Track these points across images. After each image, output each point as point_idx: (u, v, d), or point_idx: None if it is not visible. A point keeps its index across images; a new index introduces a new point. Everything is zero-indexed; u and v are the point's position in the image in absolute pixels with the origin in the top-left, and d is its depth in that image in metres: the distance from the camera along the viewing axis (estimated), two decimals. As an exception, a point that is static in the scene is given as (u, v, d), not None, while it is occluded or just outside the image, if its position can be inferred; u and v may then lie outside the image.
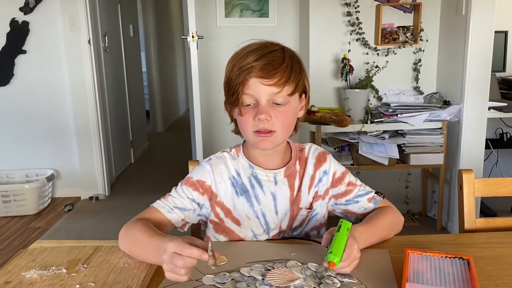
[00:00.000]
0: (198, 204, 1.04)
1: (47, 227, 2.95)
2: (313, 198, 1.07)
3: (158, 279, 0.87)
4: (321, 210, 1.09)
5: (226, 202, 1.05)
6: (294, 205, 1.06)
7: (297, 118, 1.03)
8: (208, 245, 0.78)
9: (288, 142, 1.09)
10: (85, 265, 0.91)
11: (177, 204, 1.02)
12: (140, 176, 4.05)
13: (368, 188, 1.10)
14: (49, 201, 3.34)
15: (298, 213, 1.07)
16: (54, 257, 0.94)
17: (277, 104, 0.95)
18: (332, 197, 1.10)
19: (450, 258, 0.88)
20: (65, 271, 0.88)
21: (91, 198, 3.43)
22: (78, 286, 0.83)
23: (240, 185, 1.04)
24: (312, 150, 1.10)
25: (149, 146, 5.18)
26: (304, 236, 1.08)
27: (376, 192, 1.09)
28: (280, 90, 0.93)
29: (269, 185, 1.05)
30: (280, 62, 0.93)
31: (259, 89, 0.93)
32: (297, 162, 1.08)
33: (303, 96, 1.02)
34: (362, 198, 1.08)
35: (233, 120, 1.04)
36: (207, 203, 1.05)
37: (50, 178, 3.30)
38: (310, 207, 1.07)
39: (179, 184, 1.05)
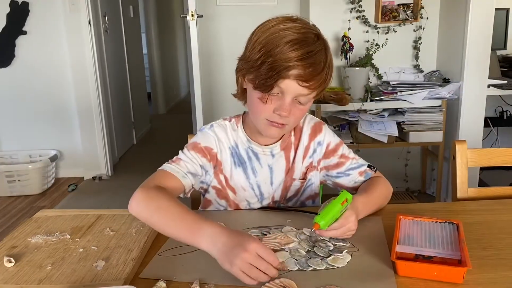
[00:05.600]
0: (205, 170, 1.04)
1: (51, 206, 2.99)
2: (307, 169, 1.09)
3: (159, 243, 0.90)
4: (315, 180, 1.11)
5: (225, 171, 1.07)
6: (288, 176, 1.08)
7: None
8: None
9: None
10: (88, 232, 0.94)
11: (190, 169, 0.99)
12: (142, 157, 4.09)
13: (361, 161, 1.10)
14: (52, 181, 3.39)
15: (292, 183, 1.09)
16: (58, 224, 0.98)
17: (299, 102, 0.93)
18: (323, 168, 1.11)
19: (440, 223, 0.91)
20: (69, 236, 0.92)
21: (94, 178, 3.47)
22: (81, 250, 0.87)
23: (238, 155, 1.06)
24: (308, 121, 1.11)
25: (151, 127, 5.20)
26: (299, 205, 1.11)
27: (368, 166, 1.10)
28: (310, 92, 0.92)
29: (266, 158, 1.07)
30: (321, 68, 0.90)
31: (292, 87, 0.90)
32: (292, 133, 1.09)
33: None
34: (354, 171, 1.09)
35: (242, 89, 1.01)
36: (211, 170, 1.06)
37: (54, 159, 3.34)
38: (304, 178, 1.09)
39: (186, 148, 1.03)
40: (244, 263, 0.73)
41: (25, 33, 3.28)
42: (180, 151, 1.03)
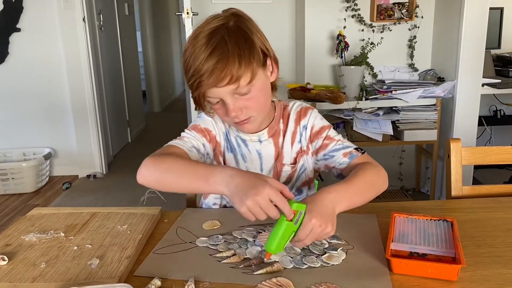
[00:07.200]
0: (206, 151, 1.06)
1: (46, 204, 2.98)
2: (297, 154, 1.09)
3: (154, 241, 0.90)
4: (308, 165, 1.11)
5: (222, 153, 1.09)
6: (278, 161, 1.09)
7: (271, 83, 0.99)
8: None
9: (272, 101, 1.08)
10: (83, 229, 0.94)
11: (194, 145, 1.03)
12: (137, 155, 4.05)
13: (347, 143, 1.06)
14: (47, 179, 3.37)
15: (282, 169, 1.09)
16: (52, 222, 0.97)
17: (242, 94, 0.91)
18: (313, 153, 1.10)
19: (434, 220, 0.92)
20: (63, 234, 0.92)
21: (88, 176, 3.46)
22: (76, 247, 0.86)
23: (229, 141, 1.09)
24: (295, 107, 1.10)
25: (146, 126, 5.19)
26: (295, 192, 1.11)
27: (356, 148, 1.05)
28: (237, 85, 0.89)
29: (254, 145, 1.08)
30: (226, 58, 0.86)
31: (217, 92, 0.90)
32: (281, 121, 1.09)
33: (268, 61, 0.96)
34: (338, 152, 1.04)
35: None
36: (211, 153, 1.08)
37: (48, 157, 3.32)
38: (294, 163, 1.09)
39: (187, 129, 1.06)
40: (255, 205, 0.76)
41: (18, 30, 3.25)
42: (182, 132, 1.06)
